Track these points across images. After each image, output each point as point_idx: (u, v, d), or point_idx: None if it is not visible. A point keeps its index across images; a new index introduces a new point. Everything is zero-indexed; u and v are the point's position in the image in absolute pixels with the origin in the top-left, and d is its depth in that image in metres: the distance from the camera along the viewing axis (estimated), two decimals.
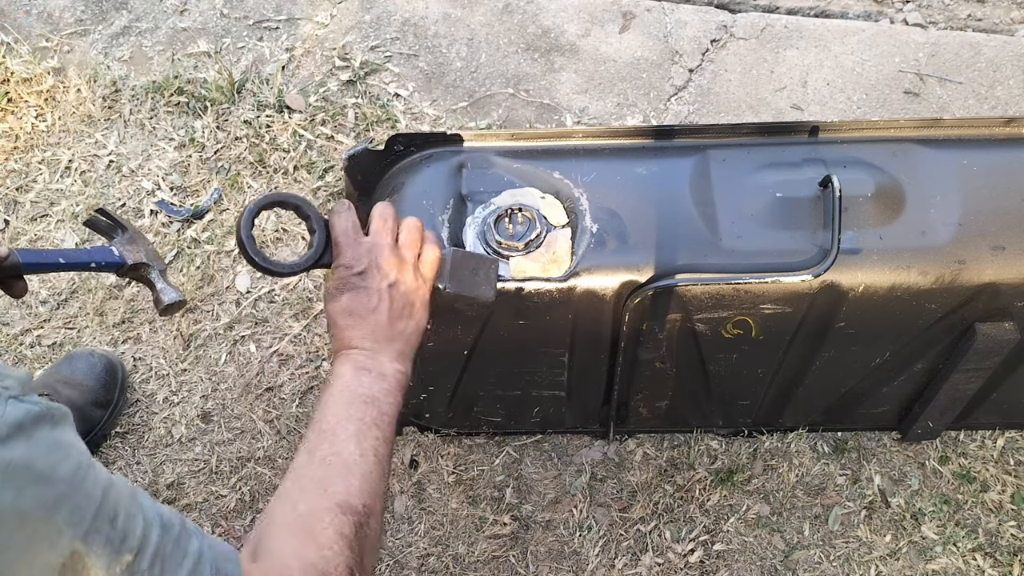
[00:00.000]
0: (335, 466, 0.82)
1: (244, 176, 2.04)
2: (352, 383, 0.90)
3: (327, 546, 0.73)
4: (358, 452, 0.83)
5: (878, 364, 1.38)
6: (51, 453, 0.53)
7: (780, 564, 1.52)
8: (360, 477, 0.81)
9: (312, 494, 0.79)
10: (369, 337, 0.94)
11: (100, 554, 0.54)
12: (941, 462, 1.61)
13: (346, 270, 0.95)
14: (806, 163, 1.25)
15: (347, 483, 0.80)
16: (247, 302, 1.84)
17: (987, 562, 1.50)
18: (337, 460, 0.82)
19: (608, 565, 1.52)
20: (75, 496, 0.54)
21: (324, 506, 0.77)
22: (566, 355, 1.33)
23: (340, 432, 0.85)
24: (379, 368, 0.93)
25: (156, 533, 0.61)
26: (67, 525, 0.52)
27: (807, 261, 1.18)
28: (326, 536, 0.74)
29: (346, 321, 0.94)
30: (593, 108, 2.20)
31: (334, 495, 0.78)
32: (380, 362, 0.93)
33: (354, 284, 0.95)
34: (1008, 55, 2.27)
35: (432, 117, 2.18)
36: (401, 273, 0.97)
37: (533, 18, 2.40)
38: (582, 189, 1.24)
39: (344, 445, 0.84)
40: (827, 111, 2.17)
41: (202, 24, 2.39)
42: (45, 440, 0.53)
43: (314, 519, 0.76)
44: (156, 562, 0.60)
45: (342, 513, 0.77)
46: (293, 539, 0.74)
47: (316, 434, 0.86)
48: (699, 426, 1.62)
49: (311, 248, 1.00)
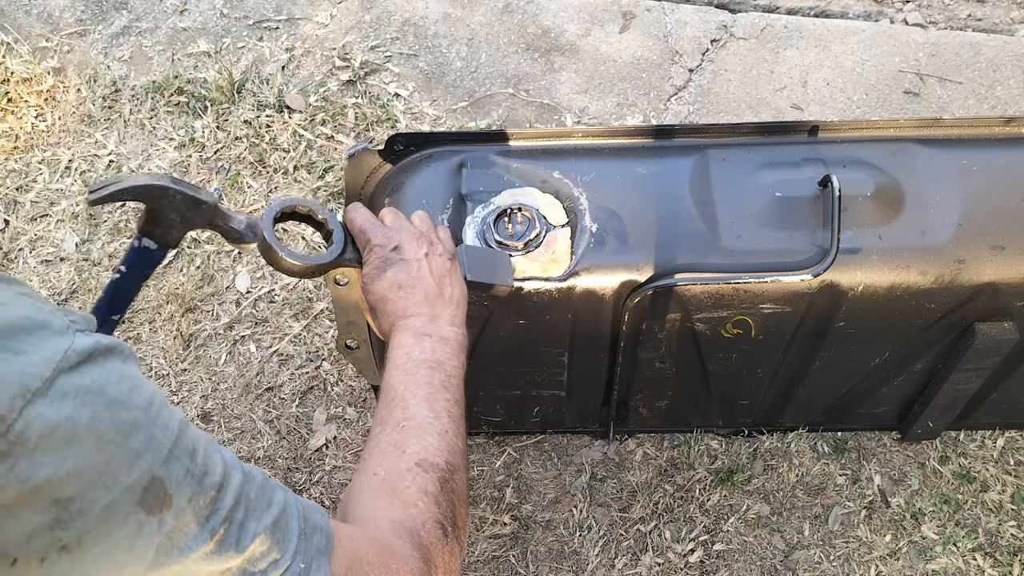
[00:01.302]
0: (409, 429, 0.81)
1: (244, 176, 2.04)
2: (415, 350, 0.91)
3: (412, 503, 0.73)
4: (431, 414, 0.83)
5: (878, 364, 1.38)
6: (123, 382, 0.52)
7: (780, 564, 1.52)
8: (436, 436, 0.81)
9: (390, 458, 0.78)
10: (424, 303, 0.96)
11: (182, 484, 0.53)
12: (941, 462, 1.61)
13: (381, 249, 0.99)
14: (806, 163, 1.25)
15: (424, 443, 0.80)
16: (247, 302, 1.84)
17: (987, 562, 1.50)
18: (411, 424, 0.82)
19: (608, 565, 1.52)
20: (150, 425, 0.53)
21: (403, 467, 0.77)
22: (566, 355, 1.33)
23: (410, 398, 0.85)
24: (439, 332, 0.94)
25: (238, 477, 0.60)
26: (145, 450, 0.51)
27: (807, 261, 1.18)
28: (409, 494, 0.74)
29: (397, 293, 0.96)
30: (593, 108, 2.20)
31: (412, 455, 0.78)
32: (439, 326, 0.95)
33: (393, 259, 0.98)
34: (1008, 55, 2.27)
35: (432, 117, 2.18)
36: (430, 247, 1.01)
37: (533, 18, 2.40)
38: (582, 189, 1.24)
39: (416, 410, 0.84)
40: (827, 111, 2.17)
41: (202, 24, 2.39)
42: (116, 370, 0.52)
43: (396, 480, 0.76)
44: (240, 504, 0.58)
45: (423, 471, 0.76)
46: (378, 500, 0.74)
47: (386, 404, 0.86)
48: (699, 426, 1.61)
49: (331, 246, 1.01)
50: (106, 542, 0.49)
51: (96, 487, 0.48)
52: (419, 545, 0.69)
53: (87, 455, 0.47)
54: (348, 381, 1.74)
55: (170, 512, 0.52)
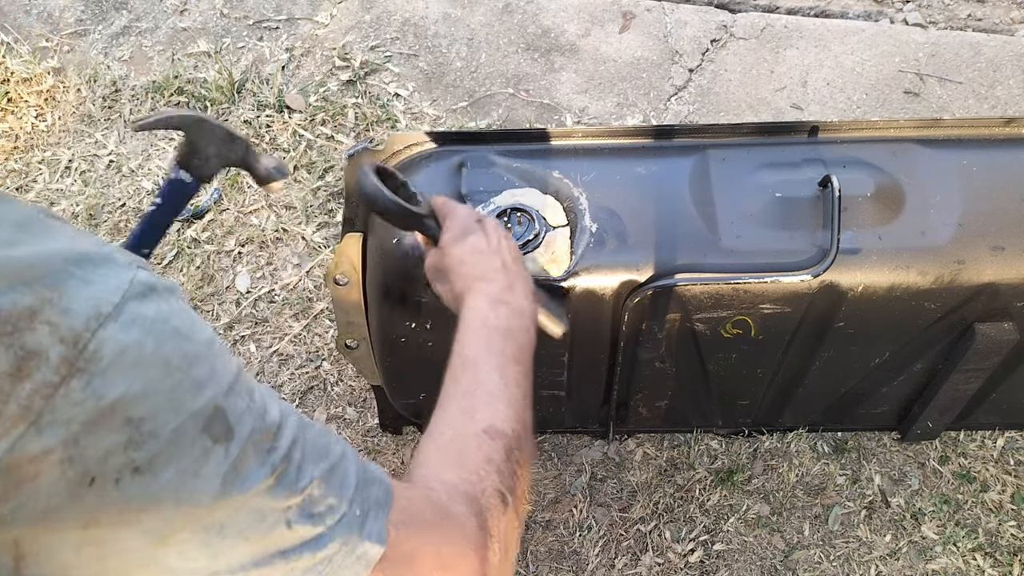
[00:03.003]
0: (479, 396, 0.81)
1: (244, 176, 2.04)
2: (490, 316, 0.91)
3: (474, 470, 0.72)
4: (502, 382, 0.83)
5: (878, 364, 1.38)
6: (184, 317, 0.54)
7: (780, 564, 1.52)
8: (506, 403, 0.81)
9: (458, 422, 0.78)
10: (501, 270, 0.96)
11: (242, 418, 0.54)
12: (941, 462, 1.61)
13: (465, 219, 1.01)
14: (806, 163, 1.25)
15: (493, 409, 0.79)
16: (247, 302, 1.84)
17: (987, 562, 1.50)
18: (481, 390, 0.82)
19: (608, 565, 1.52)
20: (213, 359, 0.54)
21: (471, 431, 0.76)
22: (566, 355, 1.33)
23: (482, 364, 0.85)
24: (516, 301, 0.94)
25: (295, 420, 0.60)
26: (208, 381, 0.53)
27: (806, 261, 1.18)
28: (473, 460, 0.73)
29: (475, 258, 0.98)
30: (593, 108, 2.20)
31: (480, 421, 0.78)
32: (516, 295, 0.95)
33: (475, 228, 1.00)
34: (1008, 55, 2.27)
35: (432, 117, 2.18)
36: (506, 234, 1.03)
37: (533, 18, 2.40)
38: (581, 189, 1.24)
39: (487, 376, 0.83)
40: (827, 111, 2.17)
41: (202, 24, 2.39)
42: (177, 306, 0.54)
43: (462, 444, 0.75)
44: (297, 446, 0.58)
45: (490, 438, 0.76)
46: (439, 464, 0.73)
47: (458, 367, 0.85)
48: (699, 426, 1.61)
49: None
50: (176, 466, 0.50)
51: (165, 410, 0.50)
52: (477, 511, 0.69)
53: (155, 379, 0.50)
54: (348, 381, 1.74)
55: (234, 443, 0.54)
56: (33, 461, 0.44)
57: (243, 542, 0.54)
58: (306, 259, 1.91)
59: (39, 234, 0.49)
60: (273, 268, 1.90)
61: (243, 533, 0.54)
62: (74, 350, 0.46)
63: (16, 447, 0.44)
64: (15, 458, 0.44)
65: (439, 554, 0.65)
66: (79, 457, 0.46)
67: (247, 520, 0.54)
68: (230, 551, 0.53)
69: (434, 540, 0.65)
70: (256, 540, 0.54)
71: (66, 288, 0.47)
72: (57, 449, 0.45)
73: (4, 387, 0.43)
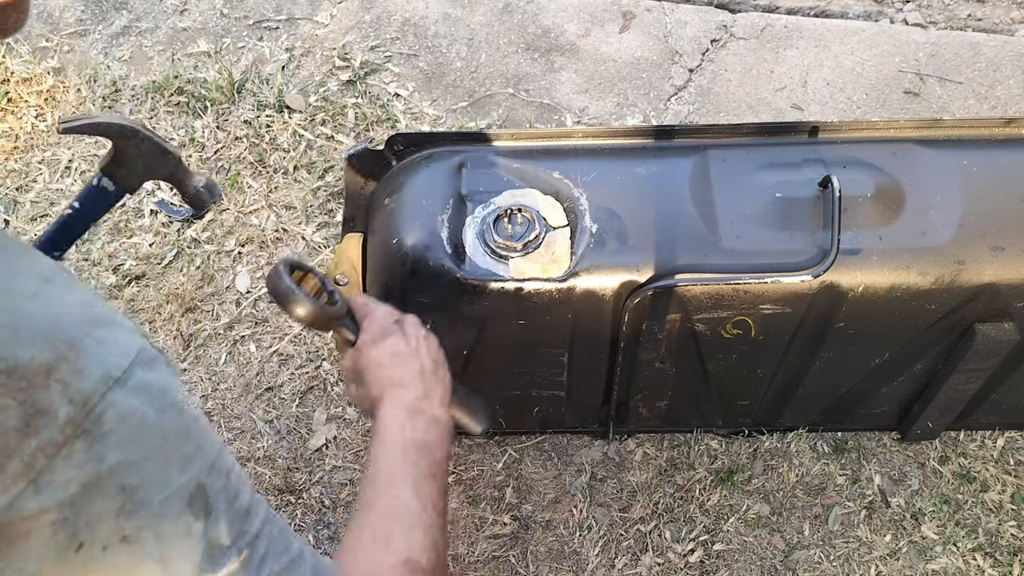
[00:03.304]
0: (396, 521, 0.80)
1: (244, 176, 2.04)
2: (407, 428, 0.89)
3: None
4: (419, 504, 0.82)
5: (878, 364, 1.38)
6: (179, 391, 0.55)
7: (780, 564, 1.52)
8: (423, 530, 0.80)
9: (375, 552, 0.77)
10: (419, 375, 0.94)
11: (219, 497, 0.55)
12: (941, 462, 1.61)
13: (384, 319, 0.98)
14: (806, 163, 1.25)
15: (409, 539, 0.78)
16: (247, 302, 1.84)
17: (987, 562, 1.50)
18: (397, 514, 0.81)
19: (608, 565, 1.52)
20: (200, 435, 0.55)
21: (388, 563, 0.76)
22: (566, 355, 1.33)
23: (399, 483, 0.84)
24: (432, 411, 0.92)
25: (263, 511, 0.61)
26: (195, 456, 0.54)
27: (807, 261, 1.18)
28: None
29: (393, 360, 0.95)
30: (593, 108, 2.20)
31: (398, 552, 0.77)
32: (433, 403, 0.93)
33: (394, 329, 0.97)
34: (1008, 55, 2.27)
35: (432, 117, 2.18)
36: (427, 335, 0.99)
37: (533, 18, 2.40)
38: (582, 189, 1.24)
39: (404, 498, 0.82)
40: (827, 111, 2.17)
41: (202, 24, 2.39)
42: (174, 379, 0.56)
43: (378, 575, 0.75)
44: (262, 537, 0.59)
45: (407, 571, 0.75)
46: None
47: (373, 486, 0.84)
48: (699, 426, 1.61)
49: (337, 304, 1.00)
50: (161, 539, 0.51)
51: (155, 482, 0.51)
52: None
53: (150, 449, 0.50)
54: None
55: (211, 520, 0.54)
56: (27, 520, 0.44)
57: None
58: (306, 259, 1.91)
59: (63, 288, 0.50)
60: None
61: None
62: (82, 411, 0.46)
63: (14, 504, 0.44)
64: (11, 516, 0.44)
65: None
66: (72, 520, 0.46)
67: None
68: None
69: None
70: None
71: (82, 348, 0.47)
72: (52, 510, 0.45)
73: (11, 443, 0.44)
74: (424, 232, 1.21)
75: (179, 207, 1.98)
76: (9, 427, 0.44)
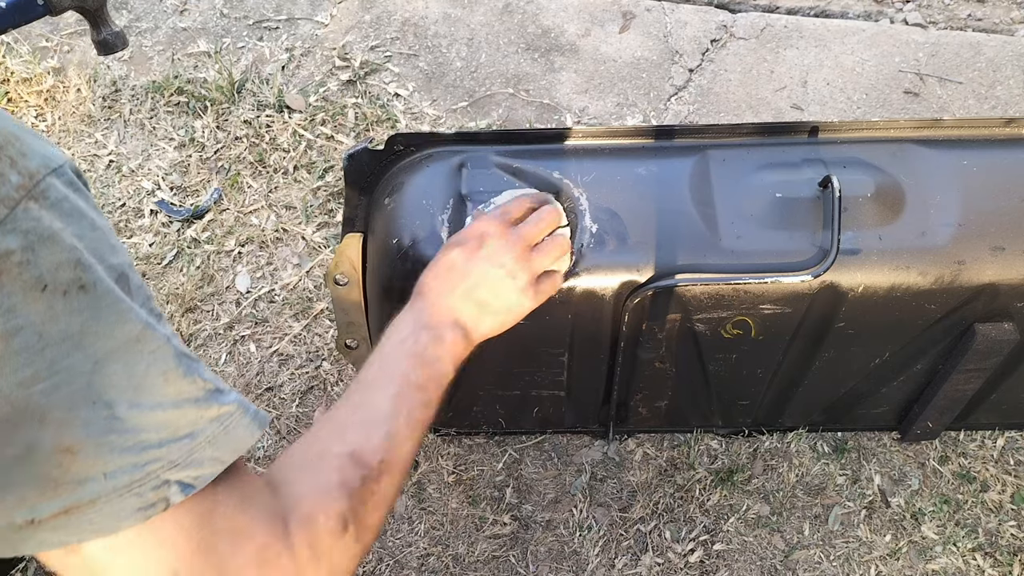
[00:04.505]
0: (361, 415, 0.81)
1: (244, 176, 2.04)
2: (408, 339, 0.90)
3: (324, 489, 0.71)
4: (391, 409, 0.82)
5: (878, 364, 1.38)
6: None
7: (780, 564, 1.52)
8: (383, 434, 0.79)
9: (328, 439, 0.78)
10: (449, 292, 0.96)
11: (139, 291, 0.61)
12: (941, 462, 1.61)
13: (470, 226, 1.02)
14: (806, 163, 1.25)
15: (367, 434, 0.78)
16: (247, 302, 1.84)
17: (987, 562, 1.50)
18: (366, 411, 0.81)
19: (608, 565, 1.52)
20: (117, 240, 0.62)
21: (335, 450, 0.76)
22: (565, 355, 1.33)
23: (378, 384, 0.84)
24: (441, 330, 0.92)
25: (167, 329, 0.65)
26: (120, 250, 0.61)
27: (807, 261, 1.18)
28: (327, 478, 0.73)
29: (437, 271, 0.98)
30: (593, 108, 2.20)
31: (350, 442, 0.77)
32: (446, 322, 0.93)
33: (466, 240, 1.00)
34: (1008, 55, 2.27)
35: (432, 117, 2.18)
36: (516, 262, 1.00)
37: (533, 18, 2.40)
38: (582, 189, 1.24)
39: (380, 399, 0.82)
40: (827, 111, 2.18)
41: (202, 24, 2.39)
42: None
43: (322, 461, 0.75)
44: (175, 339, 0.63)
45: (352, 463, 0.75)
46: (296, 472, 0.73)
47: (357, 380, 0.85)
48: (699, 426, 1.62)
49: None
50: (110, 292, 0.56)
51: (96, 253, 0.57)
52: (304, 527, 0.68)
53: (87, 228, 0.57)
54: (348, 381, 1.74)
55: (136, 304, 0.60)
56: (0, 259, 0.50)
57: (163, 381, 0.58)
58: (306, 259, 1.91)
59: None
60: (273, 268, 1.90)
61: (163, 373, 0.58)
62: (30, 181, 0.53)
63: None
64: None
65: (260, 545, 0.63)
66: (35, 263, 0.52)
67: (164, 361, 0.59)
68: (152, 387, 0.58)
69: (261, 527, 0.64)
70: (173, 381, 0.59)
71: (23, 140, 0.55)
72: (17, 252, 0.51)
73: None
74: (424, 232, 1.21)
75: (179, 207, 1.99)
76: None
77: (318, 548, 0.67)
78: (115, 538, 0.56)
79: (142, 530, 0.57)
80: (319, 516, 0.69)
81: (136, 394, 0.57)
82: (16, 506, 0.53)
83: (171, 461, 0.58)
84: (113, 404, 0.55)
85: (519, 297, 1.01)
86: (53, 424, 0.52)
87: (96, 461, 0.54)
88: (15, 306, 0.50)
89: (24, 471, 0.52)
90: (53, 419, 0.52)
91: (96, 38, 1.22)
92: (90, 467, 0.54)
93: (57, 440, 0.53)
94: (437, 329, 0.92)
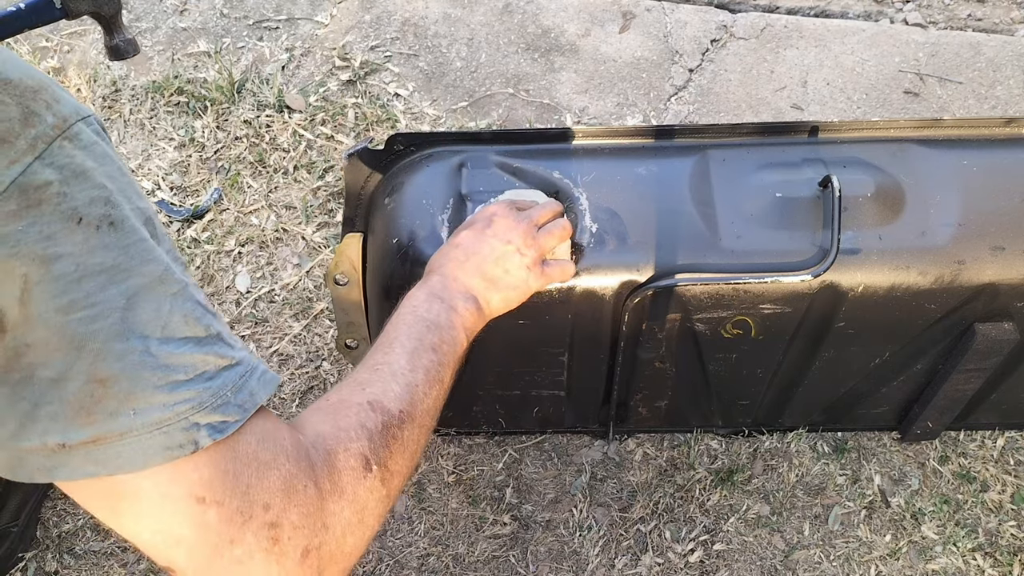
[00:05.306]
0: (380, 372, 0.82)
1: (244, 176, 2.04)
2: (421, 307, 0.93)
3: (344, 429, 0.73)
4: (408, 366, 0.84)
5: (878, 364, 1.38)
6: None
7: (780, 564, 1.52)
8: (403, 386, 0.81)
9: (348, 391, 0.79)
10: (459, 267, 1.00)
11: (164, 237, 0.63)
12: (941, 462, 1.61)
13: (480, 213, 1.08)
14: (806, 163, 1.25)
15: (385, 386, 0.80)
16: (247, 302, 1.84)
17: (987, 562, 1.50)
18: (385, 368, 0.83)
19: (608, 565, 1.52)
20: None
21: (355, 400, 0.77)
22: (565, 355, 1.33)
23: (396, 346, 0.86)
24: (453, 301, 0.96)
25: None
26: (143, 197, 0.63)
27: (807, 261, 1.18)
28: (347, 421, 0.74)
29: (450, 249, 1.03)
30: (593, 108, 2.20)
31: (369, 394, 0.78)
32: (453, 294, 0.97)
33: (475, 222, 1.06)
34: (1008, 55, 2.27)
35: (432, 117, 2.18)
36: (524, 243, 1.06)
37: (533, 18, 2.40)
38: (582, 189, 1.24)
39: (396, 357, 0.85)
40: (827, 111, 2.17)
41: (202, 24, 2.39)
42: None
43: (342, 406, 0.76)
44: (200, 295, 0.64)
45: (371, 409, 0.76)
46: (316, 415, 0.75)
47: (374, 348, 0.87)
48: (699, 426, 1.62)
49: None
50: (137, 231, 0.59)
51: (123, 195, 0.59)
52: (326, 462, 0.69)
53: (117, 172, 0.59)
54: None
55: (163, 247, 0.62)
56: (38, 189, 0.53)
57: (184, 324, 0.60)
58: (306, 259, 1.91)
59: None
60: (273, 268, 1.90)
61: (184, 315, 0.60)
62: (64, 124, 0.56)
63: (28, 171, 0.53)
64: (27, 181, 0.53)
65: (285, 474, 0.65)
66: (71, 196, 0.54)
67: (184, 304, 0.61)
68: (176, 327, 0.59)
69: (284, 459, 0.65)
70: (192, 325, 0.61)
71: (58, 89, 0.58)
72: (55, 183, 0.54)
73: (16, 128, 0.53)
74: (424, 232, 1.21)
75: (179, 207, 1.99)
76: (12, 117, 0.53)
77: (340, 483, 0.69)
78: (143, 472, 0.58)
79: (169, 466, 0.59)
80: (339, 453, 0.70)
81: (165, 332, 0.59)
82: (48, 428, 0.55)
83: (201, 403, 0.59)
84: (147, 339, 0.57)
85: (526, 274, 1.05)
86: (89, 354, 0.54)
87: (128, 396, 0.56)
88: (55, 234, 0.53)
89: (58, 394, 0.54)
90: (90, 349, 0.54)
91: (109, 43, 1.23)
92: (121, 401, 0.56)
93: (92, 370, 0.55)
94: (450, 300, 0.96)
